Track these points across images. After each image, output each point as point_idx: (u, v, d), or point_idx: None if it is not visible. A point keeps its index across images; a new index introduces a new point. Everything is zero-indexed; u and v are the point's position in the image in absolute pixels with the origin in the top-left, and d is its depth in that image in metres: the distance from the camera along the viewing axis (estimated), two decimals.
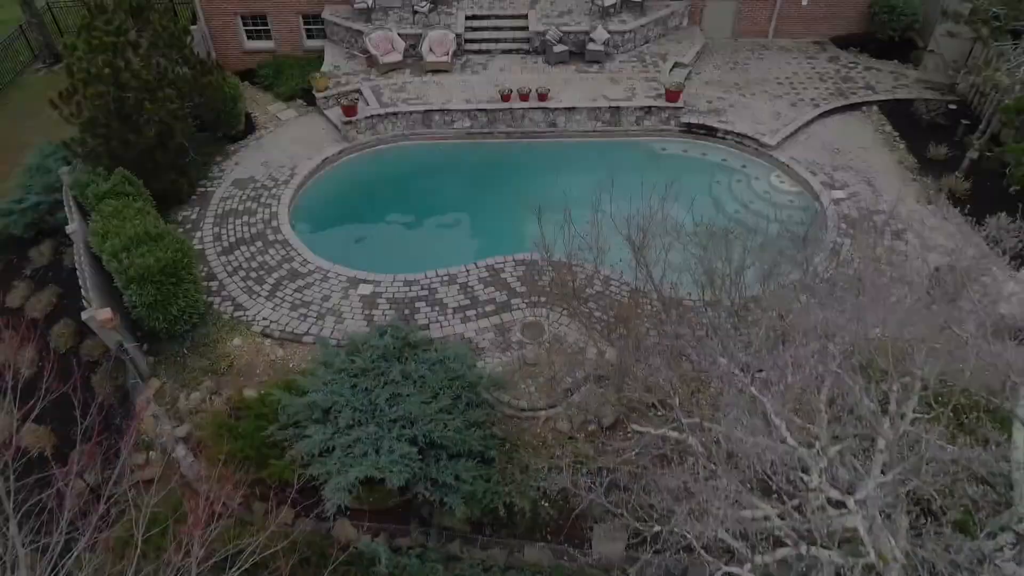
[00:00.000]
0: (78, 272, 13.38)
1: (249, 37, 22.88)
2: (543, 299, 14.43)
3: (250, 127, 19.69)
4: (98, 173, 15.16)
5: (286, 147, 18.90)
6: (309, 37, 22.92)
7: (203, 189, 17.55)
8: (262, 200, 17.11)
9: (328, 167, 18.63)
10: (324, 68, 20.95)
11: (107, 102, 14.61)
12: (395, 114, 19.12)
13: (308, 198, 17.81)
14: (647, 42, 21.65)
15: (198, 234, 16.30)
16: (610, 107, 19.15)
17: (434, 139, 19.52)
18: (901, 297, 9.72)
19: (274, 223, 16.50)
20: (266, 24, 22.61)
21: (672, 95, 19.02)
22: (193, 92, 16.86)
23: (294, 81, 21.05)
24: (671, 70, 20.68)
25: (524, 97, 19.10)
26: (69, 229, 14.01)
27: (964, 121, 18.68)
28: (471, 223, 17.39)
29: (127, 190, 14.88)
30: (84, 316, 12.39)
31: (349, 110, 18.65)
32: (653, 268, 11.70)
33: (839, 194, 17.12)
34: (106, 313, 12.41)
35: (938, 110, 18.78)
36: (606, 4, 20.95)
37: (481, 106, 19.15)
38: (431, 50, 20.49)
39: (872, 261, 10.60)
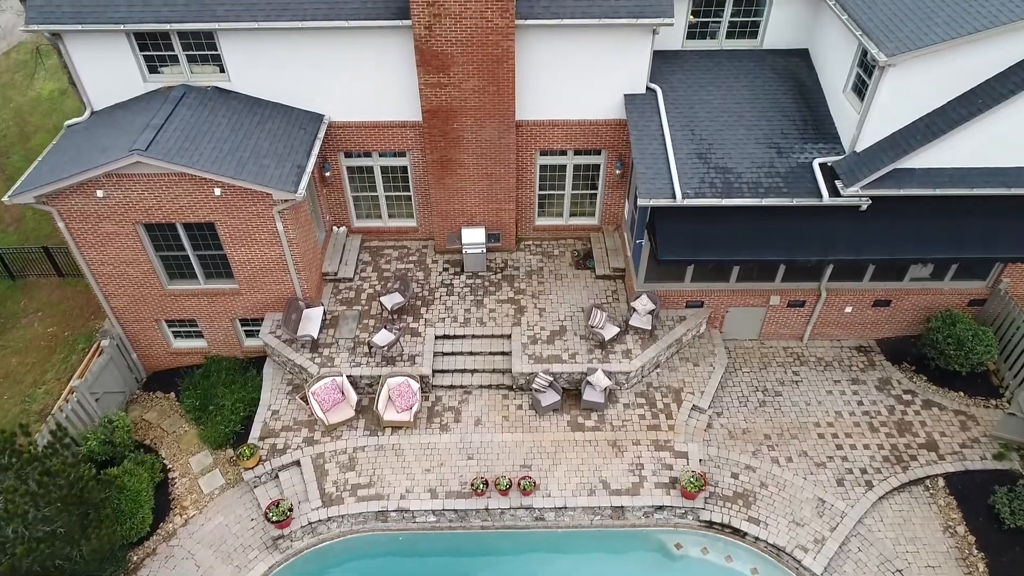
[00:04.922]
0: None
1: (177, 336, 18.96)
2: None
3: (164, 502, 15.77)
4: None
5: (203, 559, 14.94)
6: (249, 336, 19.01)
7: None
8: None
9: None
10: (259, 411, 16.99)
11: None
12: (341, 516, 15.21)
13: None
14: (657, 367, 17.71)
15: None
16: (612, 506, 15.24)
17: (391, 531, 15.63)
18: None
19: None
20: (196, 325, 18.73)
21: (690, 495, 15.09)
22: (81, 542, 12.99)
23: (223, 423, 17.01)
24: (688, 417, 16.78)
25: (504, 492, 15.17)
26: None
27: None
28: None
29: None
30: None
31: (282, 524, 14.72)
32: None
33: None
34: None
35: None
36: (607, 338, 16.99)
37: (449, 504, 15.21)
38: (391, 400, 16.54)
39: None
